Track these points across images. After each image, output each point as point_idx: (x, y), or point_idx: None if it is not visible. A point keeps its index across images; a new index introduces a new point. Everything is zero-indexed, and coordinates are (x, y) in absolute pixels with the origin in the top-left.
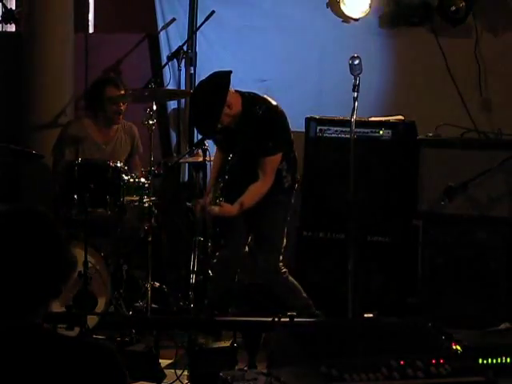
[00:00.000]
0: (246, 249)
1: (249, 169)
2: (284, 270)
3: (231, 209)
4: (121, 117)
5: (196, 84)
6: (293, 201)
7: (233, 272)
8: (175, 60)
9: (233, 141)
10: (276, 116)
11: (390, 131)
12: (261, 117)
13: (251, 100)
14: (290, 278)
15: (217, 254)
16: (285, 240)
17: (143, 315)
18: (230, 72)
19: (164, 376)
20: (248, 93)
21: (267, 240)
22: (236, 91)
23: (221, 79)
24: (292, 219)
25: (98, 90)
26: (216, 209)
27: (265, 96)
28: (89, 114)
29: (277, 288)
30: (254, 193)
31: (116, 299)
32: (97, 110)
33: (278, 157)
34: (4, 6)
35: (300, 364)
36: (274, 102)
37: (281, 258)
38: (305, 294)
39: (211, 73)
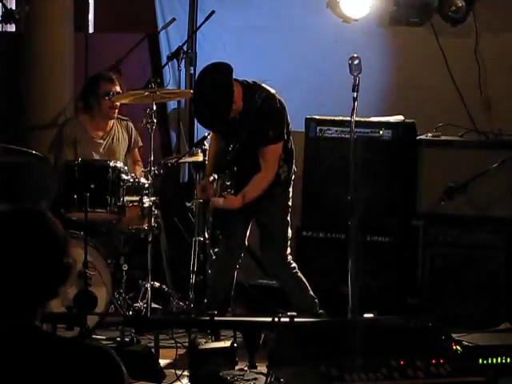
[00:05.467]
0: (246, 243)
1: (251, 159)
2: (293, 264)
3: (235, 201)
4: (116, 111)
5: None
6: (291, 190)
7: (232, 270)
8: (175, 60)
9: (234, 131)
10: (275, 104)
11: (390, 131)
12: (260, 106)
13: (250, 89)
14: (300, 273)
15: (215, 250)
16: (290, 230)
17: (143, 315)
18: (231, 69)
19: (164, 376)
20: (247, 81)
21: (272, 234)
22: (236, 82)
23: (224, 77)
24: (292, 219)
25: (92, 85)
26: (220, 201)
27: (263, 84)
28: (85, 110)
29: (285, 282)
30: (258, 183)
31: (116, 299)
32: (92, 105)
33: (280, 146)
34: (4, 6)
35: (300, 364)
36: (272, 90)
37: (288, 250)
38: (311, 293)
39: (209, 66)
